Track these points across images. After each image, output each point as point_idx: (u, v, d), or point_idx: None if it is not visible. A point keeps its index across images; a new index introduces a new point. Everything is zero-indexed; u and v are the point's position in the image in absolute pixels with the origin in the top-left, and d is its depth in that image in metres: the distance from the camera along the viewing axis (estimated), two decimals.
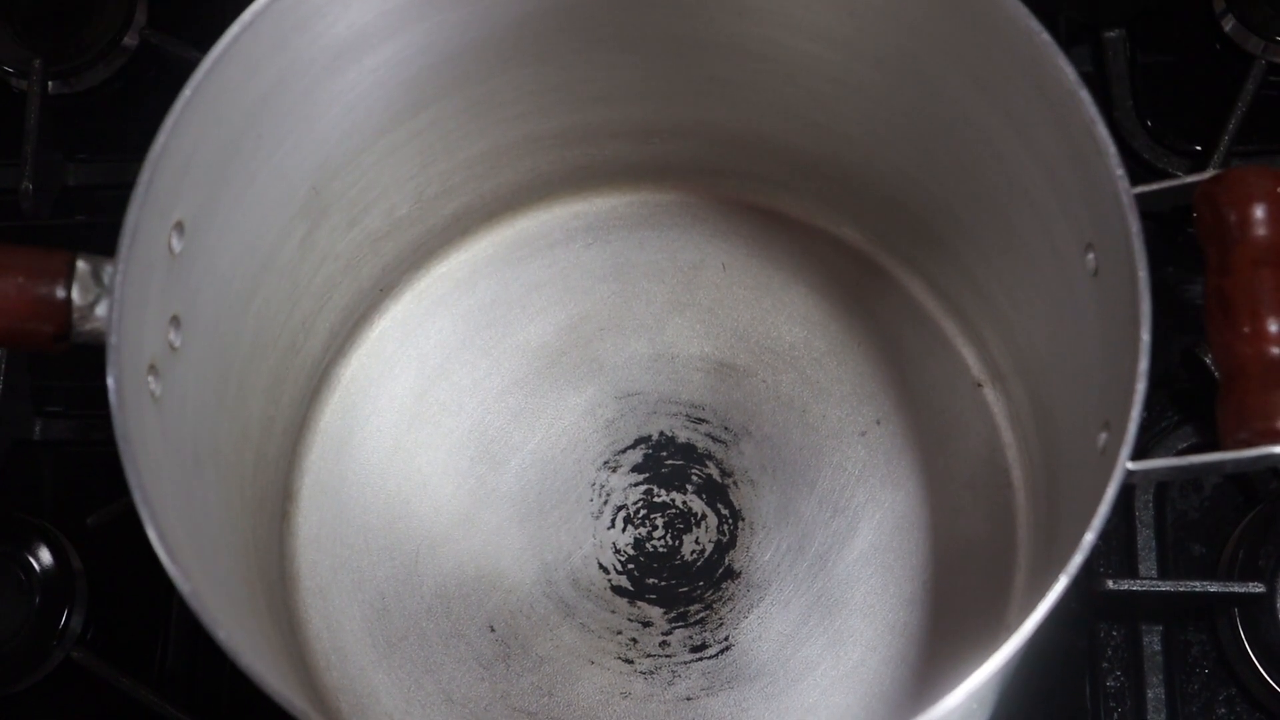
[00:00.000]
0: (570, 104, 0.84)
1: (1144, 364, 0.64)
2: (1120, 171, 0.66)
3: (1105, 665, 0.85)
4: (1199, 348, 0.86)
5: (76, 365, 0.88)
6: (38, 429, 0.92)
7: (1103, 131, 0.66)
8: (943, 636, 0.81)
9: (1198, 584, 0.84)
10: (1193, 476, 0.83)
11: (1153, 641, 0.85)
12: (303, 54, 0.73)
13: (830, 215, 0.88)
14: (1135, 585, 0.84)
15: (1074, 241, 0.71)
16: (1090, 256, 0.70)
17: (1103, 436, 0.67)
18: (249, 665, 0.61)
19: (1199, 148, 0.92)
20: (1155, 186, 0.67)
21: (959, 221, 0.82)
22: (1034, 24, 0.68)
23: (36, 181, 0.92)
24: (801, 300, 0.88)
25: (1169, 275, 0.89)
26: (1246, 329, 0.65)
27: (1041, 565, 0.76)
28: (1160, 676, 0.84)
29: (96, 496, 0.87)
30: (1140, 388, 0.63)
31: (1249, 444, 0.65)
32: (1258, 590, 0.82)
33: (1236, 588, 0.83)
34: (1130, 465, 0.64)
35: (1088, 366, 0.72)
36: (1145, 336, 0.64)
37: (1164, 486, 0.87)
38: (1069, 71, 0.67)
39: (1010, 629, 0.63)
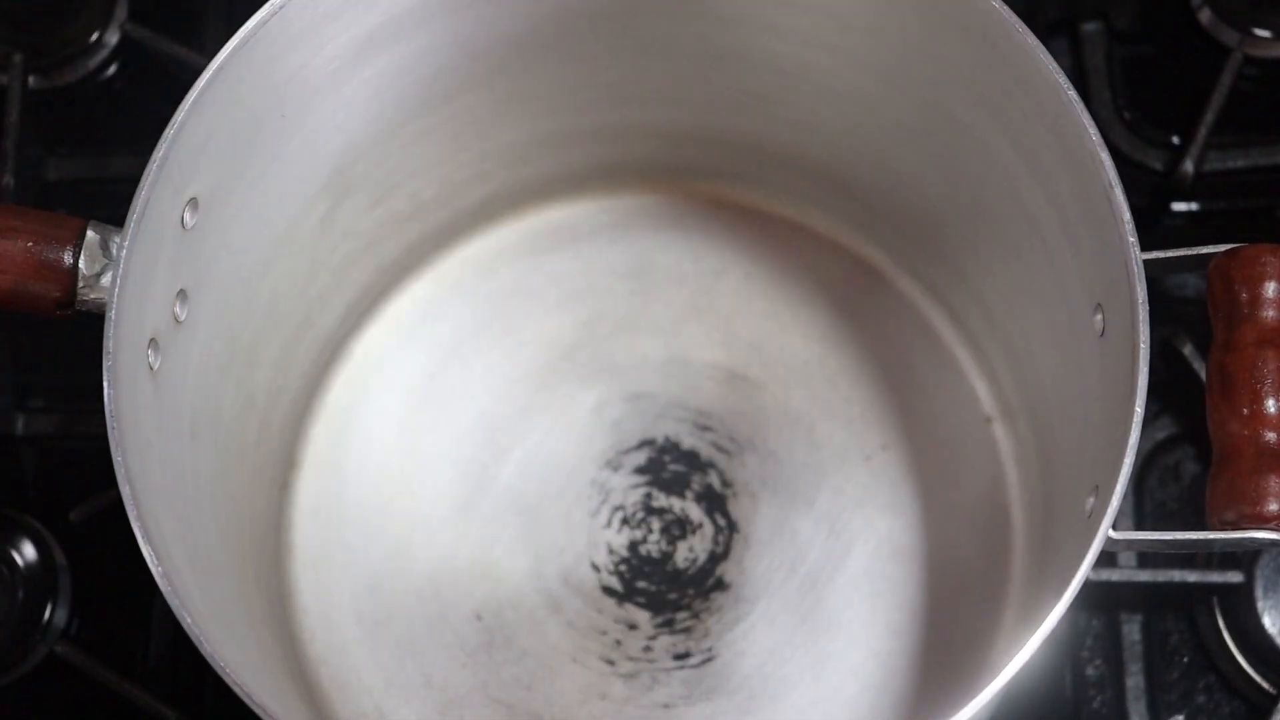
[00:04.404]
0: (604, 103, 0.83)
1: (1134, 437, 0.63)
2: (1133, 238, 0.65)
3: (1085, 654, 0.85)
4: (1177, 339, 0.85)
5: (58, 359, 0.90)
6: (20, 424, 0.91)
7: (1120, 196, 0.65)
8: (926, 669, 0.81)
9: (1177, 574, 0.84)
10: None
11: (1132, 631, 0.85)
12: (334, 40, 0.72)
13: (856, 235, 0.88)
14: (1115, 575, 0.84)
15: (1085, 298, 0.70)
16: (1099, 317, 0.69)
17: (1090, 500, 0.66)
18: (214, 653, 0.62)
19: (1176, 140, 0.92)
20: (1167, 254, 0.67)
21: (980, 255, 0.81)
22: (1062, 79, 0.67)
23: (17, 177, 0.91)
24: (820, 317, 0.87)
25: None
26: (1245, 410, 0.65)
27: (1032, 608, 0.76)
28: (1140, 665, 0.84)
29: (80, 491, 0.87)
30: (1128, 461, 0.63)
31: (1236, 526, 0.64)
32: (1236, 580, 0.83)
33: (1215, 577, 0.83)
34: (1113, 534, 0.64)
35: (1087, 425, 0.71)
36: (1139, 410, 0.63)
37: (1143, 475, 0.87)
38: (1092, 131, 0.66)
39: (995, 669, 0.63)
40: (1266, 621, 0.82)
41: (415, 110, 0.80)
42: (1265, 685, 0.83)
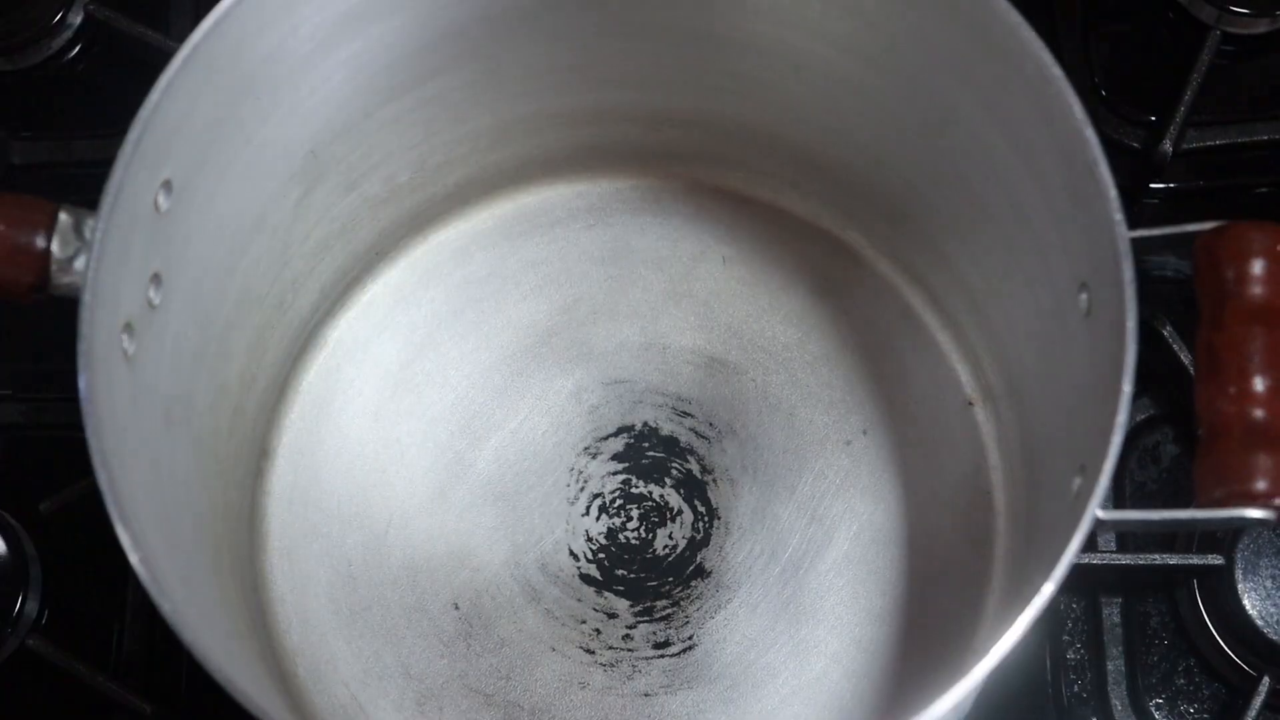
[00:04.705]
0: (581, 85, 0.83)
1: (1122, 416, 0.63)
2: (1119, 216, 0.65)
3: (1065, 638, 0.85)
4: (1156, 319, 0.85)
5: (24, 346, 0.89)
6: None
7: (1105, 173, 0.65)
8: (908, 655, 0.81)
9: (1157, 556, 0.84)
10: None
11: (1112, 613, 0.85)
12: (309, 20, 0.72)
13: (834, 218, 0.87)
14: (1094, 558, 0.84)
15: (1070, 277, 0.70)
16: (1084, 296, 0.69)
17: (1077, 481, 0.66)
18: (193, 640, 0.61)
19: (1153, 118, 0.91)
20: (1153, 232, 0.66)
21: (961, 237, 0.81)
22: (1046, 56, 0.67)
23: None
24: (799, 301, 0.87)
25: None
26: (1232, 388, 0.64)
27: (1015, 593, 0.75)
28: (1120, 648, 0.84)
29: (48, 481, 0.86)
30: (1116, 440, 0.63)
31: (1224, 504, 0.64)
32: (1216, 562, 0.83)
33: (1195, 560, 0.83)
34: (1100, 514, 0.64)
35: (1072, 405, 0.71)
36: (1126, 388, 0.63)
37: (1123, 456, 0.85)
38: (1077, 108, 0.66)
39: (978, 654, 0.63)
40: (1246, 604, 0.82)
41: (390, 93, 0.79)
42: (1245, 667, 0.83)
